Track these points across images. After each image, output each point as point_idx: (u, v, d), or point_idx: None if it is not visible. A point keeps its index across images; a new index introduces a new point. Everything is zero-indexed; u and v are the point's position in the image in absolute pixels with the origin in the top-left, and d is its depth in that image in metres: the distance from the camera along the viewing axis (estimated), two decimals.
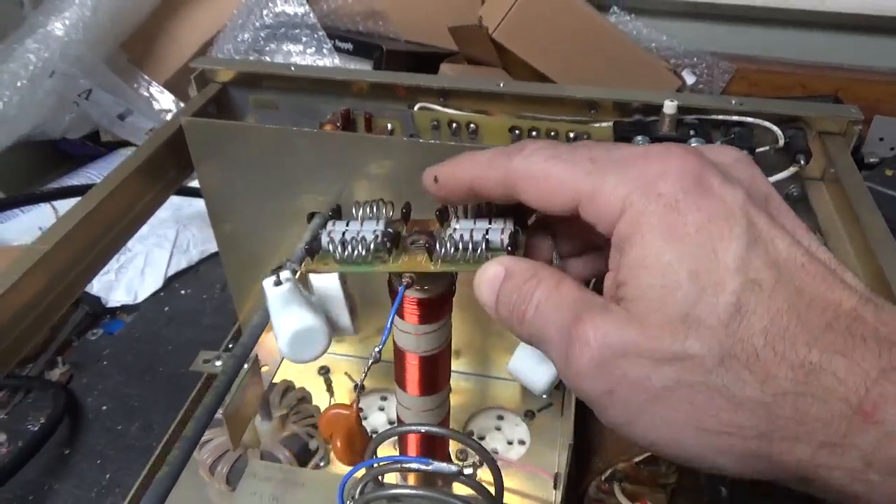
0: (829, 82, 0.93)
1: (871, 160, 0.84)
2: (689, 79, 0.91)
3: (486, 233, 0.26)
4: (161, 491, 0.27)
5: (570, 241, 0.26)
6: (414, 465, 0.24)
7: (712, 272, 0.18)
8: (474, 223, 0.26)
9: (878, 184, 0.75)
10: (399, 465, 0.24)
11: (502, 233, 0.25)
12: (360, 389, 0.26)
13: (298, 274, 0.29)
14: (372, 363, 0.26)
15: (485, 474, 0.27)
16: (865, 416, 0.17)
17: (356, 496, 0.24)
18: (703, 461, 0.19)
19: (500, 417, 0.48)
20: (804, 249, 0.19)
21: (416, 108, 0.46)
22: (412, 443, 0.38)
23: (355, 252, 0.27)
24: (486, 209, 0.27)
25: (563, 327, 0.20)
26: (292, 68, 0.47)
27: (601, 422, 0.20)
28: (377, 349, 0.26)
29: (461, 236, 0.26)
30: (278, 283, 0.29)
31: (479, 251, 0.25)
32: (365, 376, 0.26)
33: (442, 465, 0.24)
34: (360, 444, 0.25)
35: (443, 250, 0.26)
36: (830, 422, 0.17)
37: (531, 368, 0.26)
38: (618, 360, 0.19)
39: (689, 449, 0.19)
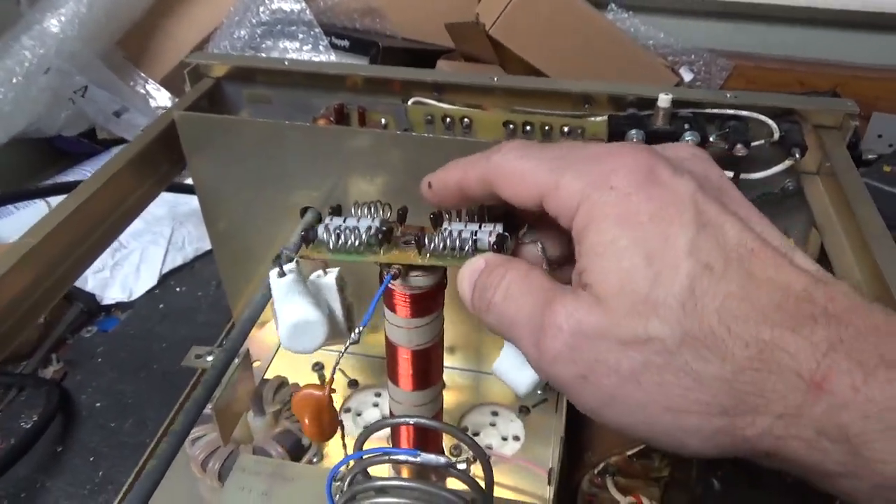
0: (827, 79, 0.92)
1: (870, 157, 0.84)
2: (687, 76, 0.91)
3: (475, 234, 0.27)
4: (149, 485, 0.27)
5: (559, 249, 0.27)
6: (402, 457, 0.24)
7: (666, 256, 0.19)
8: (465, 226, 0.27)
9: (876, 180, 0.74)
10: (387, 458, 0.24)
11: (490, 235, 0.26)
12: (334, 371, 0.27)
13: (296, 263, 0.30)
14: (350, 343, 0.27)
15: (479, 470, 0.27)
16: (817, 388, 0.17)
17: (344, 488, 0.24)
18: (671, 441, 0.19)
19: (495, 413, 0.48)
20: (755, 235, 0.20)
21: (409, 102, 0.46)
22: (405, 438, 0.38)
23: (348, 242, 0.28)
24: (479, 215, 0.28)
25: (533, 314, 0.21)
26: (286, 63, 0.46)
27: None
28: (357, 331, 0.27)
29: (450, 233, 0.27)
30: (282, 273, 0.30)
31: (466, 249, 0.26)
32: (341, 356, 0.27)
33: (430, 457, 0.23)
34: (328, 423, 0.26)
35: (431, 245, 0.27)
36: (786, 394, 0.18)
37: (516, 368, 0.26)
38: (590, 344, 0.19)
39: (658, 429, 0.19)
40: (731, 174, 0.42)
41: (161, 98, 0.83)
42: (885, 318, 0.18)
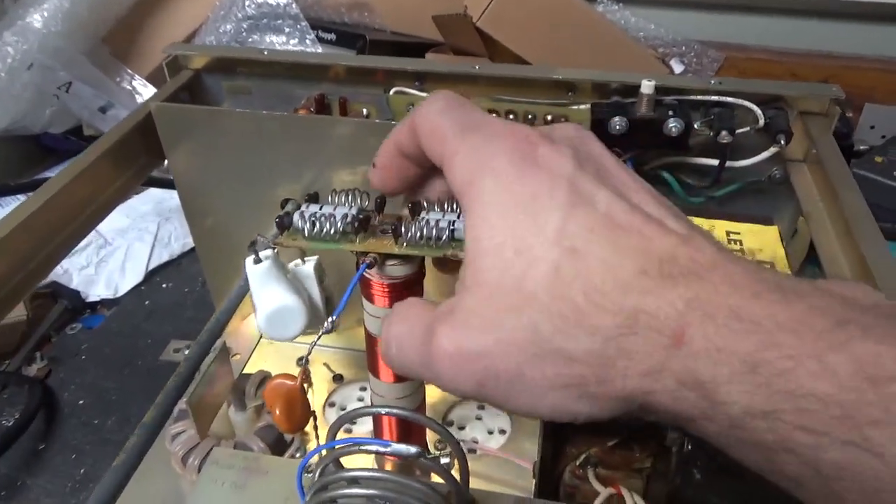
0: (819, 70, 0.92)
1: (862, 148, 0.84)
2: (678, 68, 0.90)
3: (453, 223, 0.26)
4: (117, 478, 0.26)
5: None
6: (372, 448, 0.23)
7: (535, 247, 0.20)
8: (443, 216, 0.27)
9: (869, 171, 0.74)
10: (357, 447, 0.24)
11: None
12: (306, 361, 0.27)
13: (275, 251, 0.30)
14: (323, 332, 0.27)
15: (473, 465, 0.26)
16: (676, 342, 0.19)
17: (316, 478, 0.24)
18: (565, 414, 0.21)
19: (481, 407, 0.48)
20: (628, 205, 0.21)
21: (391, 92, 0.45)
22: (387, 432, 0.37)
23: (323, 230, 0.27)
24: (458, 204, 0.27)
25: (421, 353, 0.22)
26: (265, 52, 0.46)
27: None
28: (331, 319, 0.26)
29: (427, 222, 0.26)
30: (258, 260, 0.29)
31: (443, 238, 0.26)
32: (315, 343, 0.27)
33: (401, 447, 0.23)
34: (299, 413, 0.25)
35: (408, 234, 0.27)
36: (651, 353, 0.19)
37: None
38: (475, 357, 0.21)
39: (550, 408, 0.21)
40: (716, 161, 0.42)
41: (147, 94, 0.83)
42: (743, 269, 0.20)
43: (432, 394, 0.48)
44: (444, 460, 0.25)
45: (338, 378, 0.49)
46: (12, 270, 0.33)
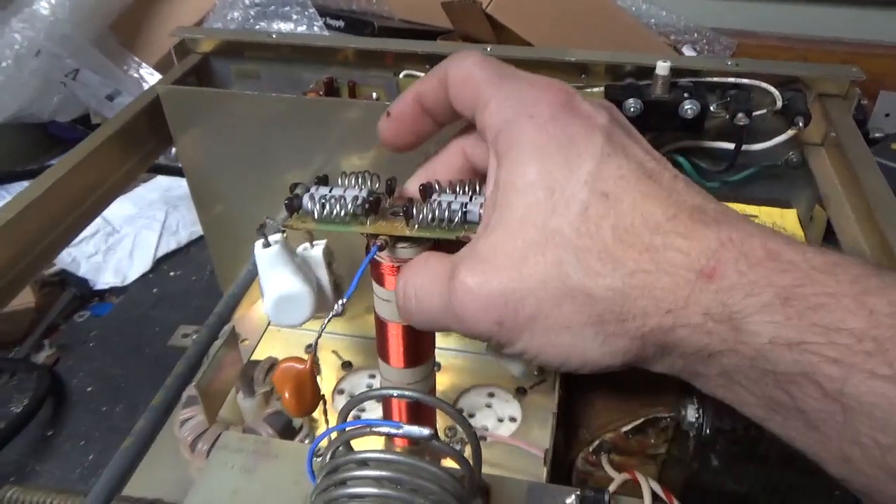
0: (832, 57, 0.91)
1: (877, 135, 0.83)
2: (689, 55, 0.89)
3: (465, 206, 0.26)
4: (124, 463, 0.26)
5: None
6: (384, 429, 0.23)
7: (566, 187, 0.21)
8: (455, 198, 0.27)
9: (884, 158, 0.73)
10: (369, 429, 0.23)
11: (481, 207, 0.26)
12: (315, 346, 0.27)
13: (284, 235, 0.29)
14: (333, 315, 0.26)
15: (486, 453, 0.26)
16: (707, 278, 0.19)
17: (326, 461, 0.23)
18: (575, 358, 0.21)
19: (491, 395, 0.47)
20: (655, 161, 0.22)
21: (401, 75, 0.44)
22: (396, 414, 0.37)
23: (333, 212, 0.27)
24: (470, 187, 0.27)
25: (442, 290, 0.23)
26: (273, 36, 0.45)
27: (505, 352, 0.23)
28: (341, 302, 0.26)
29: (440, 204, 0.26)
30: (267, 244, 0.29)
31: (455, 221, 0.26)
32: (324, 327, 0.26)
33: (413, 429, 0.22)
34: (309, 397, 0.25)
35: (420, 216, 0.26)
36: (675, 289, 0.20)
37: None
38: (497, 293, 0.21)
39: (567, 346, 0.21)
40: (732, 145, 0.41)
41: (154, 82, 0.82)
42: (772, 228, 0.21)
43: (442, 382, 0.47)
44: (455, 446, 0.24)
45: (347, 365, 0.49)
46: (17, 255, 0.33)
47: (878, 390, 0.17)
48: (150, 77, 0.83)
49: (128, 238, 0.68)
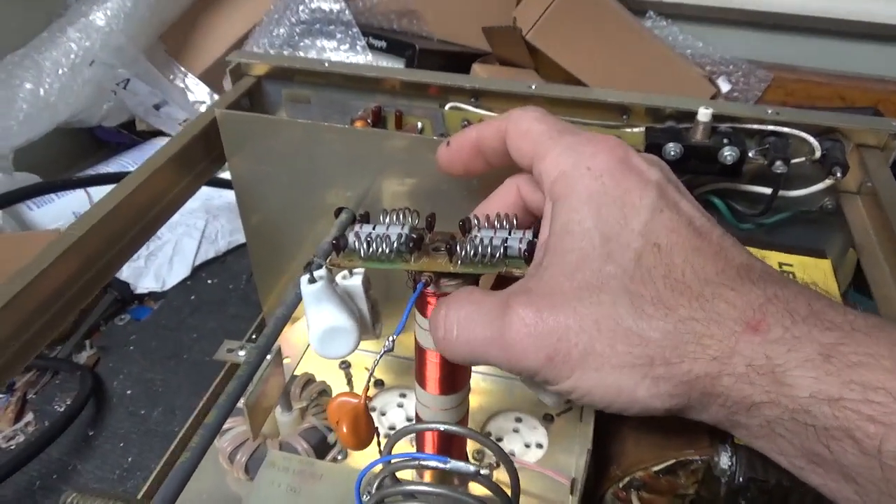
0: (869, 94, 0.91)
1: None
2: (725, 86, 0.90)
3: (506, 241, 0.27)
4: (181, 476, 0.27)
5: None
6: (432, 463, 0.24)
7: (621, 236, 0.22)
8: (495, 233, 0.28)
9: None
10: (417, 463, 0.24)
11: (520, 242, 0.27)
12: (369, 379, 0.28)
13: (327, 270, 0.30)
14: (384, 352, 0.27)
15: (501, 475, 0.27)
16: (753, 331, 0.20)
17: (373, 491, 0.25)
18: (626, 398, 0.22)
19: (519, 420, 0.48)
20: (705, 217, 0.24)
21: (447, 107, 0.46)
22: (429, 441, 0.38)
23: (379, 249, 0.28)
24: (508, 221, 0.28)
25: (492, 321, 0.23)
26: (326, 64, 0.47)
27: (554, 392, 0.24)
28: (391, 339, 0.27)
29: (481, 240, 0.27)
30: (312, 280, 0.30)
31: (497, 256, 0.27)
32: (375, 365, 0.27)
33: (459, 465, 0.24)
34: (364, 431, 0.26)
35: (462, 252, 0.27)
36: (722, 339, 0.21)
37: None
38: (552, 331, 0.22)
39: (614, 387, 0.22)
40: (768, 189, 0.42)
41: (199, 92, 0.85)
42: (815, 290, 0.22)
43: (470, 405, 0.48)
44: (484, 471, 0.25)
45: (379, 383, 0.50)
46: (83, 270, 0.34)
47: None
48: (196, 87, 0.86)
49: (168, 244, 0.71)
